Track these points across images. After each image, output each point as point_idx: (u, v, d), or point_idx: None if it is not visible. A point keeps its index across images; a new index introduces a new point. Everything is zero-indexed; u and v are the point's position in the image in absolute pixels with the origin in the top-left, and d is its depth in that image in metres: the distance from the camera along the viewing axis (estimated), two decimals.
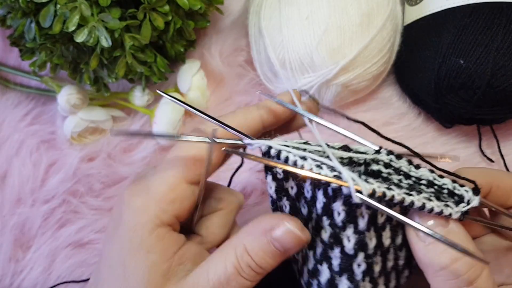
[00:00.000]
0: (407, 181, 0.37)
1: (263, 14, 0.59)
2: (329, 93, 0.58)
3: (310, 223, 0.37)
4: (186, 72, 0.61)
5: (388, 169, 0.37)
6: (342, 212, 0.34)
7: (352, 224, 0.34)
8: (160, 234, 0.36)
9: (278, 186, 0.38)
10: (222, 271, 0.35)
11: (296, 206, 0.38)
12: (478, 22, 0.54)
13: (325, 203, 0.35)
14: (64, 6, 0.48)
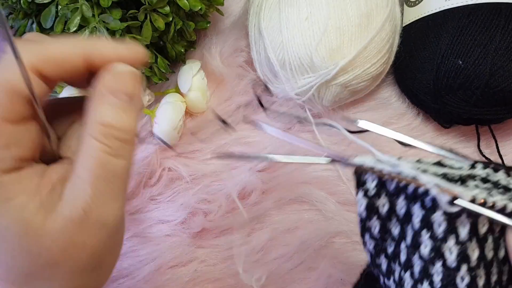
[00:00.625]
0: (508, 194, 0.34)
1: (263, 15, 0.60)
2: (328, 93, 0.58)
3: (403, 242, 0.36)
4: (186, 72, 0.62)
5: (485, 184, 0.35)
6: (443, 222, 0.33)
7: (453, 234, 0.33)
8: (9, 181, 0.30)
9: (369, 204, 0.36)
10: (90, 165, 0.31)
11: (386, 227, 0.37)
12: (476, 23, 0.54)
13: (424, 215, 0.34)
14: (65, 7, 0.48)
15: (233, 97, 0.65)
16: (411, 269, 0.36)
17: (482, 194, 0.31)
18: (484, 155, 0.61)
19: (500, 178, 0.35)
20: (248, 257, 0.59)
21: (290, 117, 0.64)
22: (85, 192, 0.30)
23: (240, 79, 0.65)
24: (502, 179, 0.35)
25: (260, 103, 0.54)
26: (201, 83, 0.62)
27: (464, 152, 0.62)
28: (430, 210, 0.33)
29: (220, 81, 0.65)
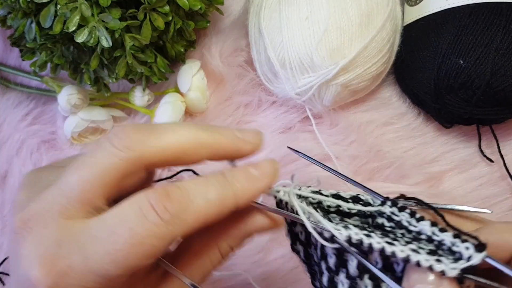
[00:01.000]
0: (409, 236, 0.34)
1: (263, 14, 0.60)
2: (329, 93, 0.58)
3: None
4: (186, 72, 0.61)
5: (390, 223, 0.35)
6: (333, 256, 0.33)
7: (344, 268, 0.33)
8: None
9: (290, 230, 0.37)
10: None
11: (308, 252, 0.38)
12: (477, 22, 0.54)
13: (321, 247, 0.34)
14: (65, 6, 0.48)
15: (233, 97, 0.65)
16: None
17: (358, 235, 0.31)
18: (485, 155, 0.61)
19: (402, 218, 0.34)
20: (248, 258, 0.59)
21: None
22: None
23: (240, 79, 0.65)
24: (404, 219, 0.34)
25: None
26: (201, 82, 0.62)
27: (465, 152, 0.62)
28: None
29: (220, 81, 0.65)
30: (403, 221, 0.34)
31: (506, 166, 0.60)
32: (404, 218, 0.34)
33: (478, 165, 0.62)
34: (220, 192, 0.31)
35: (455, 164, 0.62)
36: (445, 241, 0.32)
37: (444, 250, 0.32)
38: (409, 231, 0.34)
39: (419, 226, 0.33)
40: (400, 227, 0.34)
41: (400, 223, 0.35)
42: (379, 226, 0.35)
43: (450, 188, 0.61)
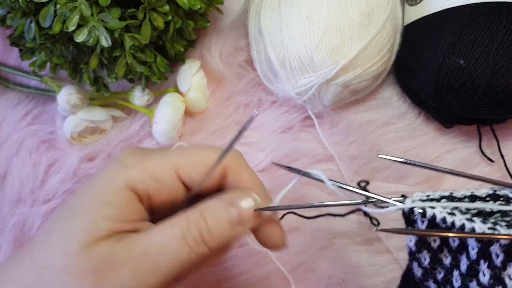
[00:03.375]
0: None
1: (263, 14, 0.60)
2: (329, 93, 0.58)
3: (455, 270, 0.37)
4: (186, 72, 0.61)
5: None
6: (501, 253, 0.35)
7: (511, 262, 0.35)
8: (128, 197, 0.36)
9: (419, 240, 0.37)
10: (165, 233, 0.35)
11: (437, 257, 0.38)
12: (478, 22, 0.54)
13: (480, 248, 0.35)
14: (64, 6, 0.48)
15: (233, 97, 0.65)
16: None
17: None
18: (486, 155, 0.61)
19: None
20: (248, 258, 0.59)
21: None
22: (142, 245, 0.34)
23: (240, 79, 0.65)
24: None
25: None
26: (201, 82, 0.62)
27: (465, 152, 0.62)
28: (486, 244, 0.35)
29: (219, 81, 0.65)
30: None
31: (507, 166, 0.60)
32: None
33: (478, 165, 0.62)
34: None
35: (455, 164, 0.62)
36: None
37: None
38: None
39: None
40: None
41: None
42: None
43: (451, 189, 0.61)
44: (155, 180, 0.37)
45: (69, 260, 0.34)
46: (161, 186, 0.38)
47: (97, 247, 0.34)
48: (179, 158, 0.39)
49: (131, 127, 0.63)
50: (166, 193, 0.38)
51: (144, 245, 0.34)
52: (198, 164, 0.39)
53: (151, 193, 0.37)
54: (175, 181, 0.38)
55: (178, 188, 0.39)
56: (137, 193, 0.37)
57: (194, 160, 0.39)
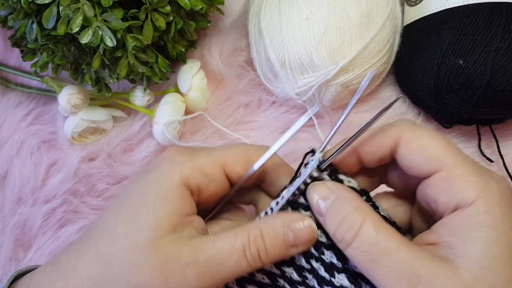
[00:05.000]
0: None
1: (263, 14, 0.60)
2: (328, 93, 0.58)
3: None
4: (186, 72, 0.61)
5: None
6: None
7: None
8: (183, 192, 0.39)
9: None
10: (229, 244, 0.38)
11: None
12: (477, 22, 0.54)
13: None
14: (67, 7, 0.48)
15: (233, 97, 0.65)
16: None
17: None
18: (485, 155, 0.61)
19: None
20: None
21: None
22: (207, 251, 0.37)
23: (240, 79, 0.65)
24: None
25: None
26: (201, 83, 0.62)
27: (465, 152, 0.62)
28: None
29: (220, 81, 0.65)
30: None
31: (506, 166, 0.60)
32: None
33: None
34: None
35: None
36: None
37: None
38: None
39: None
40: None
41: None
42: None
43: None
44: (204, 176, 0.41)
45: (138, 255, 0.37)
46: (210, 181, 0.41)
47: (164, 245, 0.37)
48: (225, 155, 0.42)
49: (131, 127, 0.63)
50: (214, 187, 0.42)
51: (209, 252, 0.37)
52: (242, 160, 0.42)
53: (201, 187, 0.41)
54: (222, 176, 0.42)
55: (224, 182, 0.42)
56: (190, 188, 0.40)
57: (239, 157, 0.42)
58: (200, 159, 0.41)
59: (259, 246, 0.38)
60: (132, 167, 0.61)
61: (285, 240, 0.39)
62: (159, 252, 0.37)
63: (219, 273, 0.37)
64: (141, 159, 0.62)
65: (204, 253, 0.37)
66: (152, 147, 0.62)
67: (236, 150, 0.43)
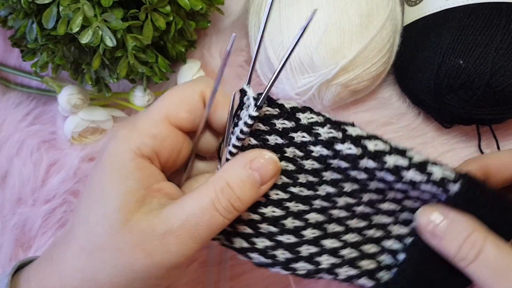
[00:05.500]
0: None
1: (263, 14, 0.60)
2: (329, 93, 0.58)
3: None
4: (186, 72, 0.61)
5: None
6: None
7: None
8: (139, 164, 0.38)
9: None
10: (197, 205, 0.37)
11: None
12: (477, 22, 0.54)
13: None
14: (67, 7, 0.48)
15: None
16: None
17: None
18: None
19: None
20: None
21: None
22: (178, 218, 0.37)
23: (240, 79, 0.65)
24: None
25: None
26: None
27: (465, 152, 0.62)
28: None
29: None
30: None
31: None
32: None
33: None
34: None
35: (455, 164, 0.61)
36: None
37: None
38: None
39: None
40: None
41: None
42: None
43: None
44: (153, 138, 0.39)
45: (115, 238, 0.37)
46: (162, 140, 0.40)
47: (135, 221, 0.37)
48: (163, 106, 0.40)
49: None
50: (169, 144, 0.41)
51: (181, 217, 0.37)
52: (182, 103, 0.40)
53: (157, 150, 0.40)
54: (171, 129, 0.40)
55: (177, 136, 0.41)
56: (146, 156, 0.39)
57: (177, 101, 0.40)
58: (141, 123, 0.40)
59: (230, 197, 0.38)
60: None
61: (252, 182, 0.39)
62: (134, 230, 0.37)
63: (197, 234, 0.37)
64: None
65: (176, 220, 0.37)
66: None
67: (173, 96, 0.41)
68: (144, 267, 0.37)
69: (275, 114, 0.39)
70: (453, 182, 0.37)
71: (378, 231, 0.43)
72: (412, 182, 0.38)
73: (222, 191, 0.38)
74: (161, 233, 0.37)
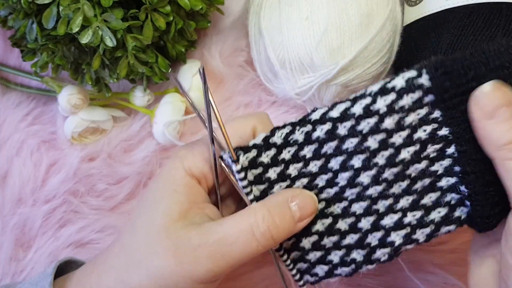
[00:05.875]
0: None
1: (263, 14, 0.60)
2: (328, 93, 0.58)
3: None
4: (186, 72, 0.62)
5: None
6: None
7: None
8: (189, 182, 0.42)
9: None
10: (235, 226, 0.40)
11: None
12: (477, 22, 0.54)
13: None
14: (67, 8, 0.48)
15: (233, 97, 0.65)
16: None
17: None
18: None
19: None
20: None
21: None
22: (215, 234, 0.39)
23: (240, 79, 0.65)
24: None
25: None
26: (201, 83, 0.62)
27: None
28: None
29: (220, 81, 0.65)
30: None
31: None
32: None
33: None
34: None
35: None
36: None
37: None
38: None
39: None
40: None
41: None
42: None
43: None
44: (205, 162, 0.43)
45: (153, 241, 0.40)
46: (211, 166, 0.43)
47: (174, 229, 0.40)
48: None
49: (131, 127, 0.63)
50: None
51: (218, 234, 0.39)
52: (235, 135, 0.43)
53: (206, 173, 0.43)
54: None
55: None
56: (195, 176, 0.43)
57: (230, 133, 0.43)
58: (198, 147, 0.44)
59: (269, 224, 0.40)
60: (132, 167, 0.62)
61: (292, 215, 0.41)
62: (171, 236, 0.40)
63: (229, 253, 0.39)
64: (141, 159, 0.62)
65: (212, 235, 0.39)
66: (152, 147, 0.62)
67: (228, 128, 0.43)
68: (173, 274, 0.39)
69: (255, 154, 0.43)
70: (420, 77, 0.38)
71: (423, 179, 0.42)
72: (391, 106, 0.39)
73: (263, 217, 0.40)
74: (195, 244, 0.39)
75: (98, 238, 0.60)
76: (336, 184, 0.43)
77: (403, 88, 0.39)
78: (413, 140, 0.40)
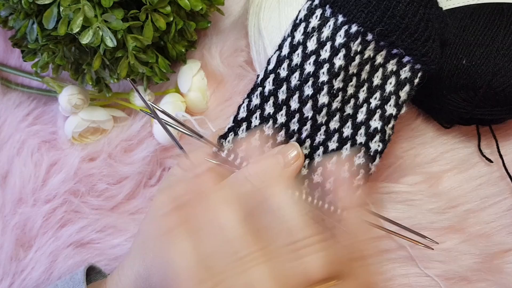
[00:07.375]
0: None
1: (262, 15, 0.60)
2: None
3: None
4: (186, 72, 0.62)
5: None
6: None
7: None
8: None
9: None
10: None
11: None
12: (478, 23, 0.55)
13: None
14: (68, 8, 0.48)
15: (233, 97, 0.65)
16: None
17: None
18: (485, 155, 0.61)
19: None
20: None
21: None
22: None
23: (240, 79, 0.65)
24: None
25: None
26: (201, 83, 0.62)
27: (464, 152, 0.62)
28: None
29: (220, 81, 0.65)
30: None
31: (505, 166, 0.60)
32: None
33: (477, 165, 0.62)
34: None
35: (454, 164, 0.62)
36: None
37: None
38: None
39: None
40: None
41: None
42: None
43: (450, 188, 0.61)
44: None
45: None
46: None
47: None
48: None
49: (131, 127, 0.63)
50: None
51: None
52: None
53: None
54: None
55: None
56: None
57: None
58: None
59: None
60: (132, 167, 0.62)
61: (277, 162, 0.44)
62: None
63: None
64: (141, 159, 0.62)
65: None
66: (152, 147, 0.62)
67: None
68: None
69: (233, 135, 0.49)
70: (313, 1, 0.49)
71: (364, 68, 0.48)
72: (306, 32, 0.48)
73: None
74: None
75: (99, 238, 0.60)
76: (306, 118, 0.48)
77: (306, 14, 0.48)
78: (337, 48, 0.46)
